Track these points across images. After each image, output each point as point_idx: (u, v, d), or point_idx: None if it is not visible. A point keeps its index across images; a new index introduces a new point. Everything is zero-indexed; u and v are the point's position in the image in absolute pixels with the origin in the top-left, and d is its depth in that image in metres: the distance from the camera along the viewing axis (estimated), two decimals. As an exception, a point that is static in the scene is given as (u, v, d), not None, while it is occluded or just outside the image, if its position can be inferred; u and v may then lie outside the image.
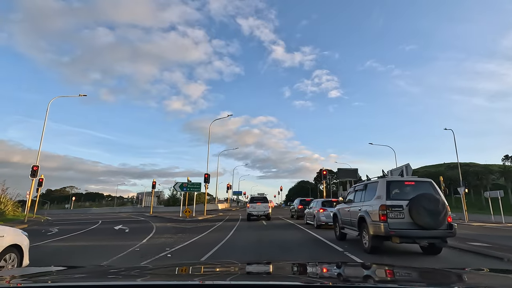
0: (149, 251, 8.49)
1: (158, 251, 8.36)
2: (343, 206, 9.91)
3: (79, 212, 57.38)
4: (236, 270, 1.96)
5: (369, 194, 7.88)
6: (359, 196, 8.62)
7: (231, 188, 49.71)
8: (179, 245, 9.79)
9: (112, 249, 8.90)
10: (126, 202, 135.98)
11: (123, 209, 60.18)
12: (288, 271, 1.94)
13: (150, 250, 8.72)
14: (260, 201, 21.13)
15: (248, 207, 21.16)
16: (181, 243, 10.30)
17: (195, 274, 1.83)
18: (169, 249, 8.85)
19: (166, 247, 9.17)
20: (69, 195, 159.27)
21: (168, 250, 8.58)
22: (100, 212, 52.38)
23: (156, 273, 1.86)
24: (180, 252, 8.45)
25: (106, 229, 16.71)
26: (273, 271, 1.94)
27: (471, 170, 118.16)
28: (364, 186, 8.49)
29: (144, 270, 1.96)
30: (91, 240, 11.67)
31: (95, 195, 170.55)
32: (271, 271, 1.92)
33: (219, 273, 1.87)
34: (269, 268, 2.08)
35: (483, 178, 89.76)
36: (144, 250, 8.72)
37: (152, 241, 11.08)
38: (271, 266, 2.15)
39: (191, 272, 1.89)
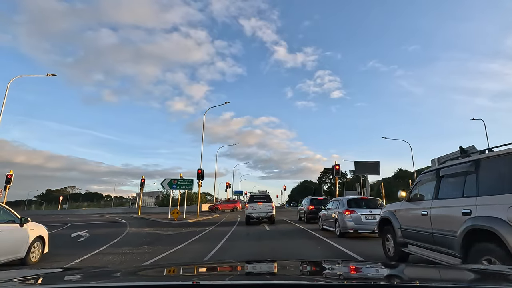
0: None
1: None
2: (407, 206, 5.74)
3: (64, 213, 53.77)
4: (238, 270, 1.94)
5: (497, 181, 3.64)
6: (456, 188, 4.38)
7: (230, 187, 45.69)
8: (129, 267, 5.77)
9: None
10: (124, 202, 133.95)
11: (115, 210, 56.31)
12: (291, 270, 1.92)
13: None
14: (261, 200, 17.09)
15: (246, 208, 17.12)
16: (137, 262, 6.41)
17: (197, 274, 1.78)
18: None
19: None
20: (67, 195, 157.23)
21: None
22: (87, 213, 48.81)
23: (156, 273, 1.83)
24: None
25: (60, 236, 12.76)
26: (276, 270, 1.86)
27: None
28: (473, 166, 4.02)
29: (144, 271, 1.95)
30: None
31: (93, 195, 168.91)
32: (274, 271, 1.86)
33: (220, 273, 1.85)
34: (271, 267, 2.03)
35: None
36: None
37: (93, 260, 7.12)
38: (274, 265, 2.09)
39: (193, 272, 1.86)
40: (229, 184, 45.41)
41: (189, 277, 1.60)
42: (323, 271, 1.79)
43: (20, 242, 6.32)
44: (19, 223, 6.40)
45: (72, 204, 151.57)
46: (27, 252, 6.48)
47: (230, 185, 45.71)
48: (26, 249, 6.45)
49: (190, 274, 1.76)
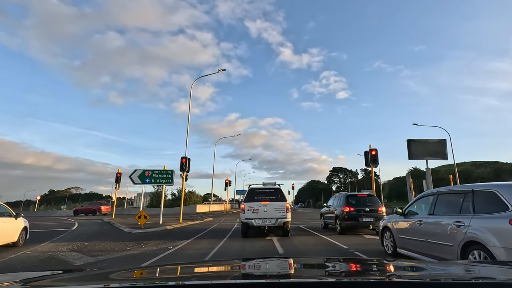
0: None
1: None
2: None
3: (43, 214, 48.20)
4: (239, 269, 1.84)
5: None
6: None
7: (230, 185, 39.30)
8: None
9: None
10: (124, 203, 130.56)
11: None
12: (295, 268, 1.77)
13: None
14: (268, 197, 10.53)
15: (243, 210, 10.61)
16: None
17: (199, 274, 1.73)
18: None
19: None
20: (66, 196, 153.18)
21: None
22: (64, 215, 42.94)
23: (159, 274, 1.71)
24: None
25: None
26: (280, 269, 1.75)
27: (504, 168, 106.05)
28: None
29: (147, 271, 1.93)
30: None
31: (94, 196, 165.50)
32: (277, 269, 1.75)
33: (222, 273, 1.77)
34: (273, 265, 1.89)
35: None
36: None
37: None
38: (275, 264, 1.98)
39: (194, 272, 1.80)
40: (229, 182, 38.99)
41: (192, 277, 1.58)
42: (327, 269, 1.72)
43: (15, 230, 8.80)
44: (14, 217, 8.91)
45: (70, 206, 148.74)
46: (18, 238, 8.88)
47: (230, 183, 39.31)
48: (18, 236, 8.87)
49: (193, 274, 1.71)
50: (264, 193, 10.49)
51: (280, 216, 10.14)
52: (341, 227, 10.93)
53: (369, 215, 10.75)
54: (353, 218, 10.73)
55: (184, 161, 18.69)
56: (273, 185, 10.93)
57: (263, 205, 10.18)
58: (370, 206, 11.00)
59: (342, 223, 10.86)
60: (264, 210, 10.13)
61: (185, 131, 21.10)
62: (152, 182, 17.64)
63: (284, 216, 10.16)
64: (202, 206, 40.63)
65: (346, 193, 11.86)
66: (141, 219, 14.28)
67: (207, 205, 41.78)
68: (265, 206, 10.16)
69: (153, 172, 17.70)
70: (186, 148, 19.46)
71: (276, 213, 10.14)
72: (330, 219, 12.62)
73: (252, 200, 10.32)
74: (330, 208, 12.86)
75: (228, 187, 38.75)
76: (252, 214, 10.15)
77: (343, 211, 10.96)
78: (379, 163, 17.19)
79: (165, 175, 17.79)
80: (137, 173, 17.57)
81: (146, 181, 17.48)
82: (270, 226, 10.21)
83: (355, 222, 10.72)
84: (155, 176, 17.65)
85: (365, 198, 11.45)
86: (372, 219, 10.72)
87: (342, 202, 11.43)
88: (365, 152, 17.52)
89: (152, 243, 9.50)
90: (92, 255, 7.54)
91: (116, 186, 26.36)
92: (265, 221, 10.15)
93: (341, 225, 10.90)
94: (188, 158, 18.91)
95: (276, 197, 10.38)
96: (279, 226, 10.30)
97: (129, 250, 8.31)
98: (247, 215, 10.19)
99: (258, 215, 10.14)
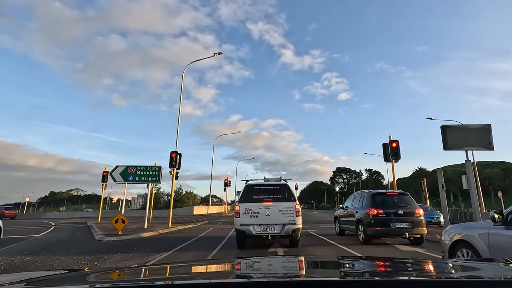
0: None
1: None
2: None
3: (31, 216, 46.10)
4: (242, 268, 1.71)
5: None
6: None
7: (230, 185, 36.79)
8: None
9: None
10: (119, 204, 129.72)
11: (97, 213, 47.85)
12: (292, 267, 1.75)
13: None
14: (271, 195, 7.83)
15: (237, 213, 7.80)
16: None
17: (200, 273, 1.69)
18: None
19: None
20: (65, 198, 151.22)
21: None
22: (53, 217, 40.83)
23: (161, 272, 1.72)
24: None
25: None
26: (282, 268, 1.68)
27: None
28: None
29: (148, 271, 1.81)
30: None
31: (93, 197, 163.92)
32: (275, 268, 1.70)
33: (224, 271, 1.70)
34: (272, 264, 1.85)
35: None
36: None
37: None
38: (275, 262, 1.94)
39: (196, 271, 1.74)
40: (228, 182, 36.49)
41: (194, 276, 1.54)
42: (329, 268, 1.73)
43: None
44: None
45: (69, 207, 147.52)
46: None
47: (229, 183, 36.80)
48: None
49: (195, 272, 1.66)
50: (267, 190, 7.93)
51: (288, 222, 7.60)
52: (365, 234, 8.42)
53: (403, 220, 8.25)
54: (382, 224, 8.24)
55: (174, 156, 16.28)
56: (277, 180, 8.37)
57: (264, 206, 7.67)
58: (403, 207, 8.50)
59: (368, 229, 8.35)
60: (266, 213, 7.62)
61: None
62: (136, 181, 15.21)
63: (293, 222, 7.61)
64: (200, 207, 38.16)
65: (371, 191, 9.24)
66: (118, 224, 11.83)
67: (205, 207, 39.31)
68: (267, 208, 7.65)
69: (137, 169, 15.29)
70: (176, 141, 17.04)
71: (282, 217, 7.62)
72: (348, 223, 10.12)
73: (250, 200, 7.79)
74: (348, 210, 10.36)
75: (228, 187, 36.29)
76: (250, 219, 7.61)
77: (369, 214, 8.45)
78: (401, 157, 14.77)
79: (151, 172, 15.38)
80: (119, 169, 15.15)
81: (129, 179, 15.07)
82: (275, 234, 7.66)
83: (385, 228, 8.22)
84: (139, 174, 15.25)
85: (396, 197, 8.90)
86: (407, 224, 8.21)
87: (366, 202, 8.92)
88: (383, 145, 15.04)
89: (115, 259, 7.06)
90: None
91: (103, 185, 24.00)
92: (267, 228, 7.61)
93: (366, 232, 8.38)
94: (178, 153, 16.51)
95: (283, 195, 7.84)
96: (288, 236, 7.74)
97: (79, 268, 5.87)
98: (244, 220, 7.64)
99: (258, 220, 7.61)
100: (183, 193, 42.07)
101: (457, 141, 10.46)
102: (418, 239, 8.43)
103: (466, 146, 10.37)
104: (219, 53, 18.28)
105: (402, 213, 8.32)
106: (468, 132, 10.52)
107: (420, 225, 8.24)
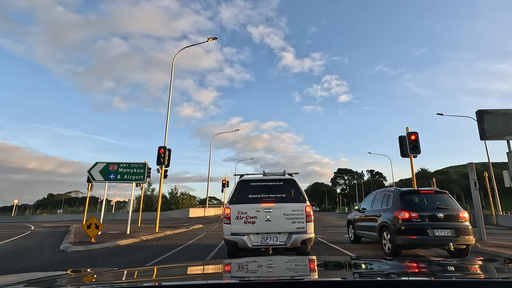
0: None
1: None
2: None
3: (15, 219, 44.47)
4: (243, 268, 1.72)
5: None
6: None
7: (228, 186, 34.88)
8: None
9: None
10: (122, 206, 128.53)
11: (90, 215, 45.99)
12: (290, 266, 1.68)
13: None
14: (273, 194, 5.78)
15: (227, 217, 5.80)
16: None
17: (201, 273, 1.69)
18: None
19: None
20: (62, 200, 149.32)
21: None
22: (41, 220, 39.27)
23: (165, 273, 1.72)
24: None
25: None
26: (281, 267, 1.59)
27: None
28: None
29: (150, 271, 1.86)
30: None
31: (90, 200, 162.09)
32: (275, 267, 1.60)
33: (223, 272, 1.68)
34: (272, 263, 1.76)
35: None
36: None
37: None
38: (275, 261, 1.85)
39: (196, 271, 1.74)
40: (226, 182, 34.59)
41: (195, 277, 1.54)
42: (328, 268, 1.69)
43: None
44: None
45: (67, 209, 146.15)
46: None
47: (227, 183, 34.90)
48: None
49: (192, 274, 1.64)
50: (267, 188, 6.03)
51: (296, 230, 5.71)
52: (394, 244, 6.53)
53: (444, 226, 6.36)
54: (418, 231, 6.35)
55: (162, 151, 14.41)
56: (281, 175, 6.45)
57: (264, 209, 5.80)
58: (443, 210, 6.61)
59: (397, 238, 6.47)
60: (266, 218, 5.74)
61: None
62: (118, 179, 13.35)
63: (302, 229, 5.71)
64: (197, 210, 36.24)
65: (398, 189, 7.27)
66: (90, 230, 9.96)
67: (202, 209, 37.38)
68: (268, 212, 5.78)
69: (119, 166, 13.42)
70: (165, 135, 15.18)
71: (288, 223, 5.73)
72: (367, 229, 8.25)
73: (245, 201, 5.90)
74: (366, 212, 8.47)
75: (226, 188, 34.35)
76: (244, 225, 5.71)
77: (398, 218, 6.57)
78: (421, 151, 12.91)
79: (135, 169, 13.51)
80: (99, 166, 13.29)
81: (110, 178, 13.20)
82: (278, 247, 5.74)
83: (421, 237, 6.31)
84: (122, 171, 13.38)
85: (433, 197, 6.99)
86: (450, 232, 6.32)
87: (393, 203, 7.03)
88: (400, 138, 13.19)
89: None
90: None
91: (88, 186, 22.07)
92: (267, 238, 5.72)
93: (395, 241, 6.49)
94: (167, 148, 14.64)
95: (288, 194, 5.95)
96: (297, 248, 5.82)
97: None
98: (236, 228, 5.75)
99: (255, 228, 5.72)
100: (178, 194, 40.07)
101: (497, 129, 8.63)
102: (462, 250, 6.56)
103: (508, 135, 8.53)
104: (213, 38, 16.50)
105: (442, 217, 6.44)
106: (510, 119, 8.69)
107: (466, 233, 6.37)
